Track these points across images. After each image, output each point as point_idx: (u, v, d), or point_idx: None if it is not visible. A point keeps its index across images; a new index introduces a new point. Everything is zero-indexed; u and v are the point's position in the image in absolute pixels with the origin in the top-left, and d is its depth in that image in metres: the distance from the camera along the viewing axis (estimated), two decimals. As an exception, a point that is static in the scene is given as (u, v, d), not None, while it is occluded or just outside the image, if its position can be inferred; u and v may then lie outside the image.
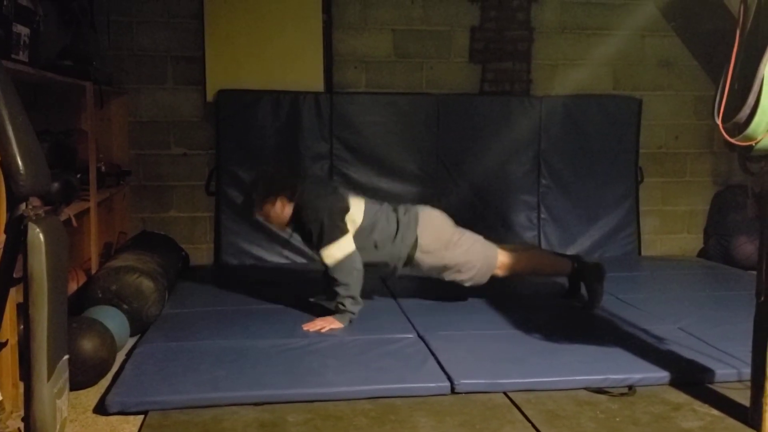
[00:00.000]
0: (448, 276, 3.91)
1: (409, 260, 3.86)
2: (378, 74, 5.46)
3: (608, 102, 5.65)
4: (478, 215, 5.47)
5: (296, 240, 5.21)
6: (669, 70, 5.76)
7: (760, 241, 2.57)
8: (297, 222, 3.75)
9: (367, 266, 3.76)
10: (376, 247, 3.77)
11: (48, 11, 3.67)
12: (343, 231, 3.64)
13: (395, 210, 3.89)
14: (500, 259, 3.93)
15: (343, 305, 3.63)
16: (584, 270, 4.07)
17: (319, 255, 3.66)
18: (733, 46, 2.46)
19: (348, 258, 3.62)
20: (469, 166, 5.47)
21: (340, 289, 3.62)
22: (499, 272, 3.95)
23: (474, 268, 3.88)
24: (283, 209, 3.71)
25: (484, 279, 3.94)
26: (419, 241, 3.80)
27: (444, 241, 3.85)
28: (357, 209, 3.74)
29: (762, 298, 2.55)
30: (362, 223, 3.72)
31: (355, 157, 5.36)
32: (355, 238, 3.68)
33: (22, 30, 3.10)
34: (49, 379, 1.87)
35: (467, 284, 3.92)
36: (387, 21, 5.43)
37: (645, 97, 5.70)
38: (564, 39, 5.62)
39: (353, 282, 3.63)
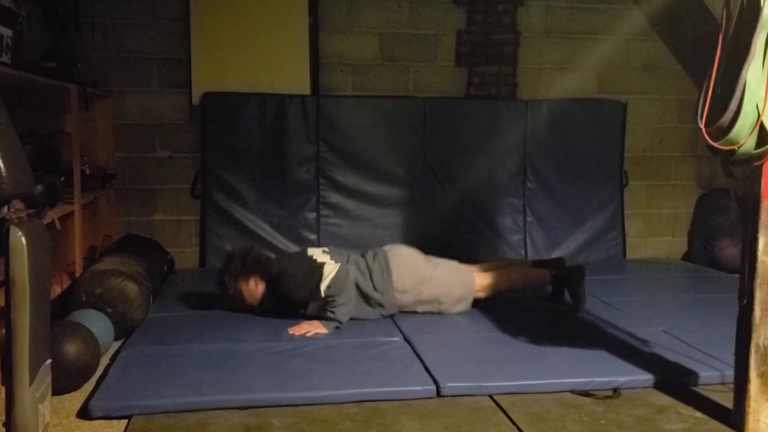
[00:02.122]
0: (429, 308, 3.94)
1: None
2: (364, 77, 5.46)
3: (593, 106, 5.68)
4: (464, 218, 5.49)
5: (281, 243, 5.23)
6: (653, 74, 5.80)
7: (743, 244, 2.59)
8: (275, 294, 3.77)
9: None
10: (369, 301, 3.80)
11: (31, 12, 3.64)
12: (343, 292, 3.66)
13: (363, 256, 3.93)
14: (479, 282, 3.98)
15: (334, 313, 3.64)
16: (564, 275, 4.10)
17: (329, 315, 3.66)
18: (716, 51, 2.48)
19: (349, 296, 3.68)
20: (455, 169, 5.49)
21: (339, 300, 3.67)
22: (481, 294, 4.00)
23: (454, 297, 3.93)
24: (256, 287, 3.78)
25: (467, 305, 3.98)
26: (395, 284, 3.82)
27: (419, 278, 3.88)
28: (329, 269, 3.71)
29: (745, 301, 2.57)
30: (337, 280, 3.68)
31: (341, 160, 5.35)
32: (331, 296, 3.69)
33: (5, 31, 3.08)
34: (31, 383, 1.86)
35: (452, 311, 3.95)
36: (373, 24, 5.43)
37: (630, 101, 5.74)
38: (549, 43, 5.65)
39: (348, 302, 3.70)
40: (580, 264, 4.30)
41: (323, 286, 3.64)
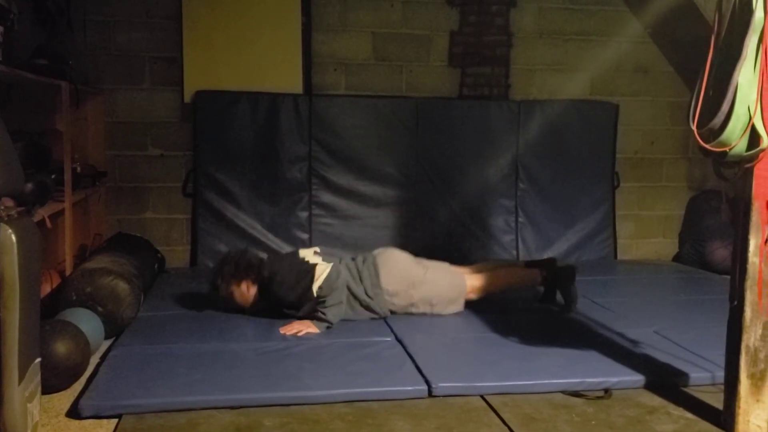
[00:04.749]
0: (420, 311, 3.94)
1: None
2: (357, 77, 5.45)
3: (585, 107, 5.70)
4: (455, 219, 5.50)
5: (273, 242, 5.22)
6: (645, 76, 5.82)
7: (734, 245, 2.61)
8: (267, 297, 3.77)
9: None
10: (361, 304, 3.80)
11: (23, 9, 3.62)
12: (334, 293, 3.66)
13: (354, 259, 3.93)
14: (470, 283, 3.99)
15: (324, 314, 3.63)
16: (555, 275, 4.11)
17: (320, 315, 3.65)
18: (708, 53, 2.49)
19: (340, 298, 3.68)
20: (447, 169, 5.49)
21: (329, 300, 3.66)
22: (473, 296, 4.01)
23: (445, 299, 3.93)
24: (248, 290, 3.78)
25: (459, 307, 3.98)
26: (385, 287, 3.82)
27: (409, 281, 3.88)
28: (321, 268, 3.71)
29: (735, 302, 2.58)
30: (328, 281, 3.68)
31: (333, 159, 5.35)
32: (324, 297, 3.68)
33: (-4, 28, 3.06)
34: (20, 382, 1.85)
35: (445, 313, 3.95)
36: (366, 24, 5.43)
37: (622, 103, 5.76)
38: (542, 44, 5.66)
39: (340, 303, 3.70)
40: (572, 264, 4.31)
41: (315, 287, 3.64)
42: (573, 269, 4.11)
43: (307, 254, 3.82)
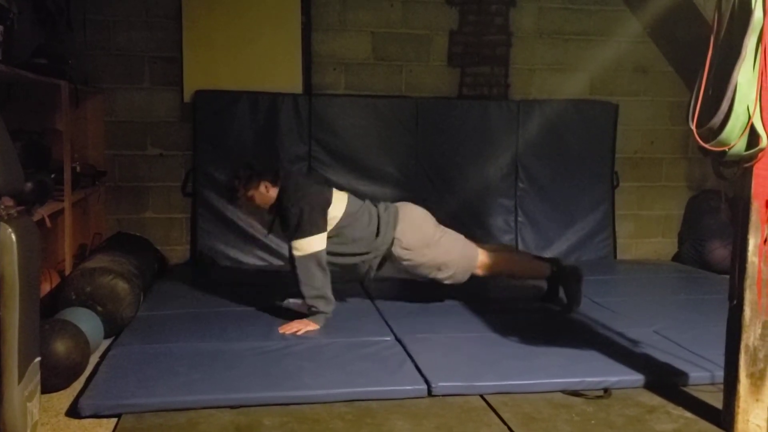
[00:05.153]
0: (428, 274, 3.91)
1: (384, 260, 3.85)
2: (357, 76, 5.45)
3: (585, 107, 5.70)
4: (455, 218, 5.48)
5: (272, 242, 5.22)
6: (645, 75, 5.82)
7: (734, 245, 2.61)
8: (278, 208, 3.73)
9: (341, 266, 3.77)
10: (354, 240, 3.76)
11: (22, 9, 3.62)
12: (320, 228, 3.62)
13: (376, 206, 3.89)
14: (480, 258, 3.94)
15: (315, 307, 3.61)
16: (562, 273, 4.10)
17: (289, 244, 3.64)
18: (707, 53, 2.49)
19: (314, 256, 3.58)
20: (447, 169, 5.49)
21: (304, 290, 3.59)
22: (479, 272, 3.97)
23: (454, 267, 3.89)
24: (267, 191, 3.73)
25: (464, 278, 3.94)
26: (400, 237, 3.79)
27: (425, 239, 3.84)
28: (338, 203, 3.72)
29: (735, 302, 2.58)
30: (342, 217, 3.70)
31: (333, 159, 5.35)
32: (334, 231, 3.68)
33: (-4, 27, 3.06)
34: (20, 381, 1.85)
35: (446, 282, 3.93)
36: (366, 23, 5.43)
37: (621, 103, 5.76)
38: (542, 44, 5.66)
39: (317, 283, 3.60)
40: (576, 265, 4.29)
41: (330, 211, 3.64)
42: (580, 271, 4.08)
43: (331, 189, 3.81)
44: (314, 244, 3.59)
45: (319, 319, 3.60)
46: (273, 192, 3.73)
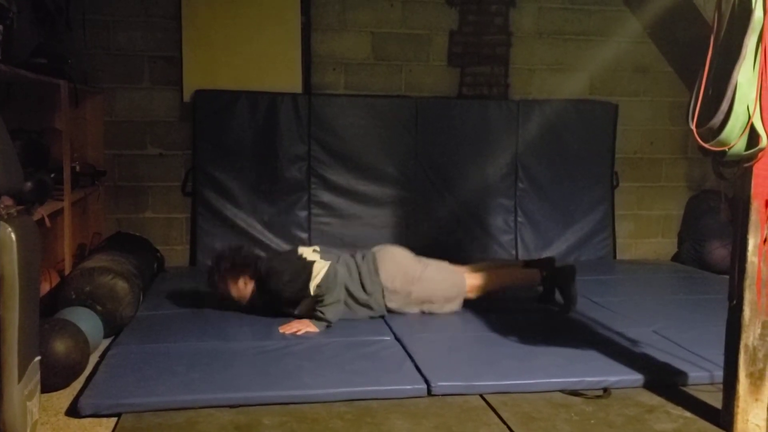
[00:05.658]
0: (419, 309, 3.94)
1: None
2: (356, 76, 5.45)
3: (585, 107, 5.70)
4: (455, 218, 5.50)
5: (272, 242, 5.22)
6: (645, 76, 5.82)
7: (733, 245, 2.61)
8: (265, 293, 3.76)
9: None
10: (359, 302, 3.80)
11: (22, 8, 3.62)
12: (332, 292, 3.64)
13: (353, 257, 3.91)
14: (469, 282, 3.98)
15: (323, 313, 3.62)
16: (555, 275, 4.11)
17: (318, 315, 3.64)
18: (707, 53, 2.49)
19: (338, 297, 3.66)
20: (447, 169, 5.49)
21: (327, 308, 3.64)
22: (471, 295, 4.00)
23: (444, 298, 3.93)
24: (245, 286, 3.78)
25: (457, 305, 3.98)
26: (384, 284, 3.82)
27: (408, 277, 3.87)
28: (319, 266, 3.69)
29: (734, 302, 2.58)
30: (326, 279, 3.66)
31: (333, 159, 5.35)
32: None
33: (-5, 27, 3.05)
34: (19, 380, 1.85)
35: (442, 312, 3.95)
36: (365, 23, 5.43)
37: (621, 103, 5.76)
38: (541, 44, 5.66)
39: (340, 295, 3.69)
40: (572, 264, 4.31)
41: (312, 285, 3.63)
42: (573, 269, 4.10)
43: (306, 252, 3.81)
44: (335, 296, 3.65)
45: (320, 324, 3.61)
46: (250, 286, 3.78)
